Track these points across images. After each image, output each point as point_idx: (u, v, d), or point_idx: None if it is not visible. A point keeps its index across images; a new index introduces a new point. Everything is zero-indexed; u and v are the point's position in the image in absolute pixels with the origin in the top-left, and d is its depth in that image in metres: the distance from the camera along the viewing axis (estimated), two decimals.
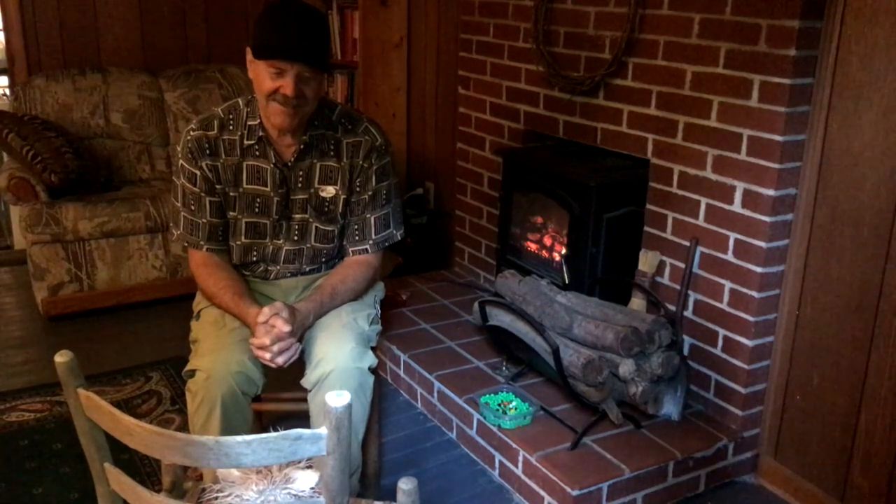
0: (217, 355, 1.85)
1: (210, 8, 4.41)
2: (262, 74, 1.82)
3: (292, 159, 1.96)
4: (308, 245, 2.06)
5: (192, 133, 1.95)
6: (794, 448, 2.35)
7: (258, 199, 1.99)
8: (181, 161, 1.96)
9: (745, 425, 2.40)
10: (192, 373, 1.86)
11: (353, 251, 2.07)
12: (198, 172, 1.95)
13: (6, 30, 4.01)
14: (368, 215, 2.04)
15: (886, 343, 2.06)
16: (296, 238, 2.05)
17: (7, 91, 4.77)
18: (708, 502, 2.35)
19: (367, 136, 2.00)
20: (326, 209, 2.02)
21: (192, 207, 1.98)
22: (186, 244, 2.04)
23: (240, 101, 1.99)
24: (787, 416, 2.36)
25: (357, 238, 2.06)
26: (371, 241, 2.06)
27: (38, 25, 3.99)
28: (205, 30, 4.42)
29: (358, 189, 2.02)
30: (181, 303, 3.36)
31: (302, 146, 1.95)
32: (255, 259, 2.07)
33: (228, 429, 1.82)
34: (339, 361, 1.85)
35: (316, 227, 2.04)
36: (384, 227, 2.07)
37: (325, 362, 1.85)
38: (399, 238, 2.13)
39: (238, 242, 2.04)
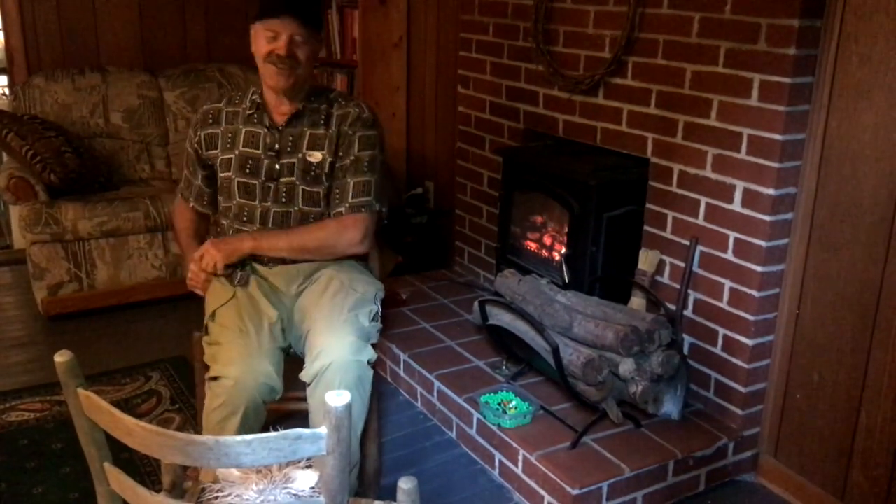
0: (245, 365, 1.88)
1: (209, 7, 4.39)
2: (259, 40, 2.06)
3: (283, 123, 2.12)
4: (295, 208, 2.14)
5: (203, 108, 2.24)
6: (795, 447, 2.35)
7: (250, 161, 2.14)
8: (190, 130, 2.26)
9: (745, 424, 2.40)
10: (217, 377, 1.88)
11: (332, 213, 2.12)
12: (196, 143, 2.20)
13: (6, 29, 4.00)
14: (349, 179, 2.11)
15: (886, 341, 2.06)
16: (283, 200, 2.13)
17: (6, 90, 4.76)
18: (708, 501, 2.35)
19: (356, 109, 2.15)
20: (313, 172, 2.12)
21: (190, 169, 2.27)
22: (181, 195, 2.32)
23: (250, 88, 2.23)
24: (787, 414, 2.36)
25: (337, 201, 2.12)
26: (347, 204, 2.09)
27: (37, 25, 3.98)
28: (204, 29, 4.41)
29: (341, 154, 2.12)
30: (181, 302, 3.37)
31: (295, 112, 2.12)
32: (245, 219, 2.17)
33: (244, 433, 1.83)
34: (339, 354, 1.86)
35: (302, 189, 2.12)
36: (363, 193, 2.10)
37: (324, 355, 1.87)
38: (379, 211, 2.14)
39: (234, 202, 2.16)
